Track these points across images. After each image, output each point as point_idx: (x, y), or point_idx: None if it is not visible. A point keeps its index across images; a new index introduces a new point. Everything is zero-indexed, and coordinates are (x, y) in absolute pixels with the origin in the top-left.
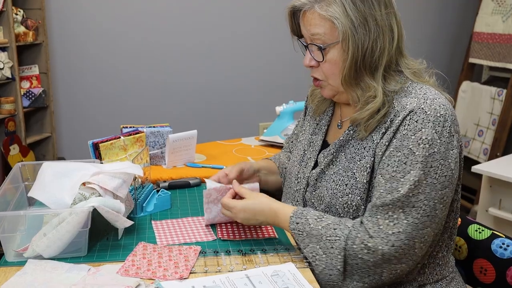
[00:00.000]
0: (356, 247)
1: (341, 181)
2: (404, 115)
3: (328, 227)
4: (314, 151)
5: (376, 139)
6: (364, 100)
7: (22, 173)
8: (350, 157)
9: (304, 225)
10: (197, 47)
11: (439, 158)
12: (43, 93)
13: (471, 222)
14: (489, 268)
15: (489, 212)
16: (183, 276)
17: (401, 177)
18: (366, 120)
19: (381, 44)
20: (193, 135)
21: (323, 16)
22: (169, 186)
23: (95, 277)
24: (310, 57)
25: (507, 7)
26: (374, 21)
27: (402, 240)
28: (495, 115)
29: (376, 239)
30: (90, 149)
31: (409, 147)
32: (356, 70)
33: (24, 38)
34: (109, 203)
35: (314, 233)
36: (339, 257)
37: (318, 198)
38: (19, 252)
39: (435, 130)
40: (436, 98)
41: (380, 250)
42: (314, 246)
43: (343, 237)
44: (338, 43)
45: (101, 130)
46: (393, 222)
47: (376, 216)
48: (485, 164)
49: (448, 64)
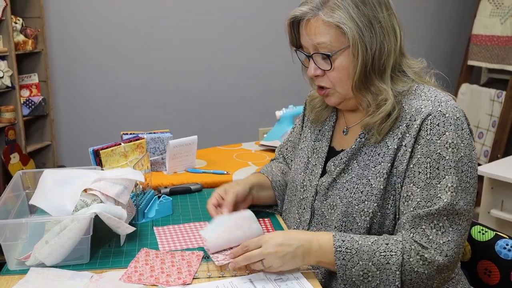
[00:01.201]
0: (412, 260)
1: (355, 189)
2: (422, 118)
3: (378, 243)
4: (320, 158)
5: (391, 144)
6: (377, 104)
7: (23, 181)
8: (364, 164)
9: (351, 243)
10: (197, 53)
11: (467, 161)
12: (43, 101)
13: (475, 223)
14: (493, 270)
15: (491, 213)
16: (186, 282)
17: (437, 183)
18: (379, 124)
19: (388, 46)
20: (194, 141)
21: (329, 23)
22: (170, 192)
23: (98, 284)
24: (314, 66)
25: (505, 9)
26: (379, 24)
27: (452, 248)
28: (495, 117)
29: (431, 250)
30: (91, 156)
31: (438, 151)
32: (366, 75)
33: (23, 46)
34: (111, 210)
35: (365, 249)
36: (397, 273)
37: (330, 207)
38: (21, 260)
39: (457, 134)
40: (449, 100)
41: (436, 261)
42: (365, 263)
43: (399, 252)
44: (346, 49)
45: (101, 137)
46: (440, 231)
47: (421, 227)
48: (486, 166)
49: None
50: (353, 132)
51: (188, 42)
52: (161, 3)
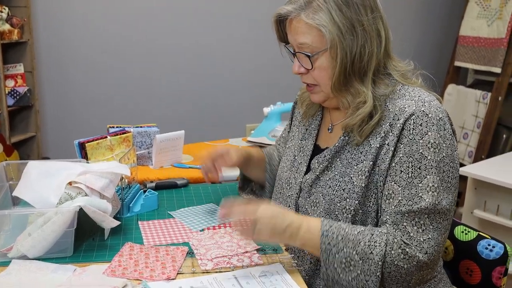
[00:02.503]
0: (394, 253)
1: (337, 187)
2: (405, 118)
3: (364, 233)
4: (306, 156)
5: (374, 143)
6: (355, 106)
7: (7, 173)
8: (347, 163)
9: (338, 229)
10: (185, 48)
11: (449, 161)
12: (28, 92)
13: (458, 223)
14: (475, 269)
15: (474, 214)
16: (170, 277)
17: (418, 183)
18: (359, 125)
19: (369, 49)
20: (180, 136)
21: (310, 25)
22: (156, 187)
23: (81, 278)
24: (298, 64)
25: (492, 11)
26: (361, 27)
27: (433, 246)
28: (480, 118)
29: (412, 247)
30: (76, 149)
31: (420, 151)
32: (346, 76)
33: (9, 36)
34: (96, 203)
35: (351, 237)
36: (379, 263)
37: (313, 204)
38: (3, 252)
39: (439, 134)
40: (432, 100)
41: (416, 258)
42: (349, 251)
43: (383, 243)
44: (326, 51)
45: (87, 130)
46: (421, 229)
47: (402, 224)
48: (470, 167)
49: (434, 67)
50: (337, 129)
51: (177, 37)
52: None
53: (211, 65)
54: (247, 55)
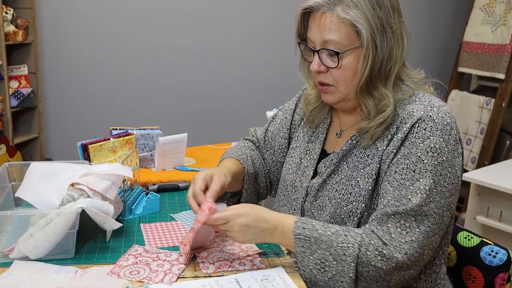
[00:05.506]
0: (370, 254)
1: (344, 190)
2: (412, 122)
3: (338, 233)
4: (312, 159)
5: (381, 146)
6: (378, 109)
7: (9, 173)
8: (353, 166)
9: (311, 231)
10: (188, 50)
11: (448, 166)
12: (32, 93)
13: (461, 229)
14: (478, 276)
15: (477, 220)
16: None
17: (410, 185)
18: (375, 128)
19: (396, 53)
20: (183, 139)
21: (344, 20)
22: (158, 189)
23: (82, 280)
24: (318, 62)
25: (496, 18)
26: (390, 29)
27: (414, 248)
28: (483, 124)
29: (390, 247)
30: (79, 150)
31: (418, 155)
32: (372, 78)
33: (13, 37)
34: (98, 205)
35: (324, 239)
36: (352, 264)
37: (319, 208)
38: (5, 253)
39: (443, 138)
40: (442, 105)
41: (394, 258)
42: (323, 253)
43: (357, 244)
44: (356, 49)
45: (89, 132)
46: (405, 231)
47: (386, 225)
48: (473, 172)
49: (438, 73)
50: (346, 134)
51: (181, 40)
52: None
53: (215, 68)
54: (250, 59)
